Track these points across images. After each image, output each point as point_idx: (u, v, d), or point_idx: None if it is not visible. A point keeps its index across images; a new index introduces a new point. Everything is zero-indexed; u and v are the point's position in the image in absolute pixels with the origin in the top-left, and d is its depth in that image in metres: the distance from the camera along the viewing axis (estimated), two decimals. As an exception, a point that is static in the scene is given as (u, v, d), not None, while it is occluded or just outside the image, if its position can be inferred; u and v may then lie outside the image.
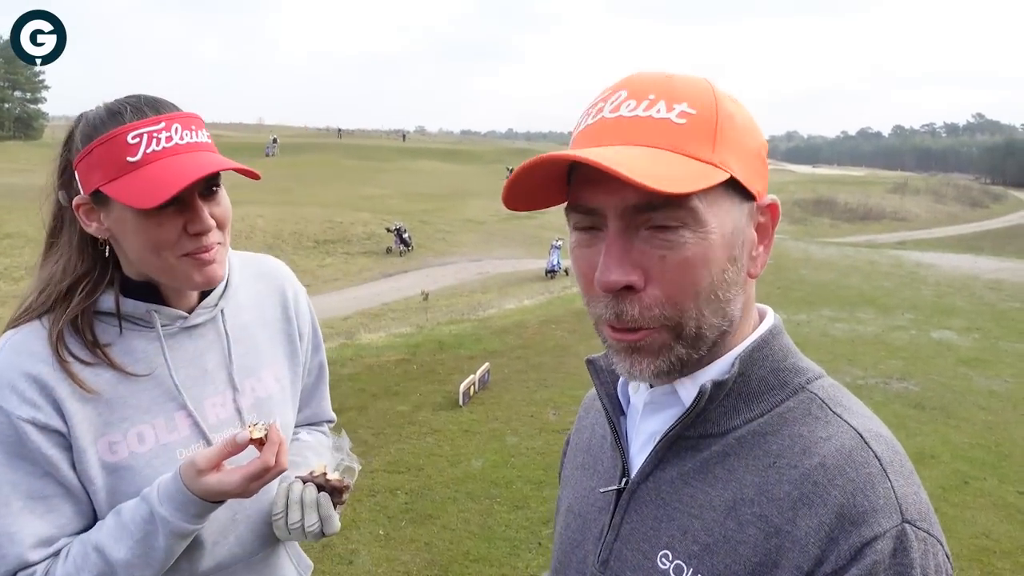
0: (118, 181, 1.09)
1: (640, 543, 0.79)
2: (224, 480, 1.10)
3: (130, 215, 1.11)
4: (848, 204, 41.43)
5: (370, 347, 8.24)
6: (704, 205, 0.70)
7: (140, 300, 1.20)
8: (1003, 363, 7.99)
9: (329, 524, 1.25)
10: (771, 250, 0.78)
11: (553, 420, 5.91)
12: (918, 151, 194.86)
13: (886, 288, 13.00)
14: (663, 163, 0.68)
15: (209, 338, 1.28)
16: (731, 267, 0.73)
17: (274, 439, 1.13)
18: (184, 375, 1.23)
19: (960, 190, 58.76)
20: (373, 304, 13.87)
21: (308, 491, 1.26)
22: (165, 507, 1.11)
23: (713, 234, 0.71)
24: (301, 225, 20.91)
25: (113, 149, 1.10)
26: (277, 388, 1.36)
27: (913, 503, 0.69)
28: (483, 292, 14.73)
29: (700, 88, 0.74)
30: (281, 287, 1.43)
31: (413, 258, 19.57)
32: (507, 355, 7.80)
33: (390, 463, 5.01)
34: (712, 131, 0.72)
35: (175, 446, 1.20)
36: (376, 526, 4.18)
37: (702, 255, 0.71)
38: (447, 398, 6.33)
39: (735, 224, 0.73)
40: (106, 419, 1.16)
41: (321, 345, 1.53)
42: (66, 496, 1.14)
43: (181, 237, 1.13)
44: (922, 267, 16.16)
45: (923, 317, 10.37)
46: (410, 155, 56.66)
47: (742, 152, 0.73)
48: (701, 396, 0.75)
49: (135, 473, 1.17)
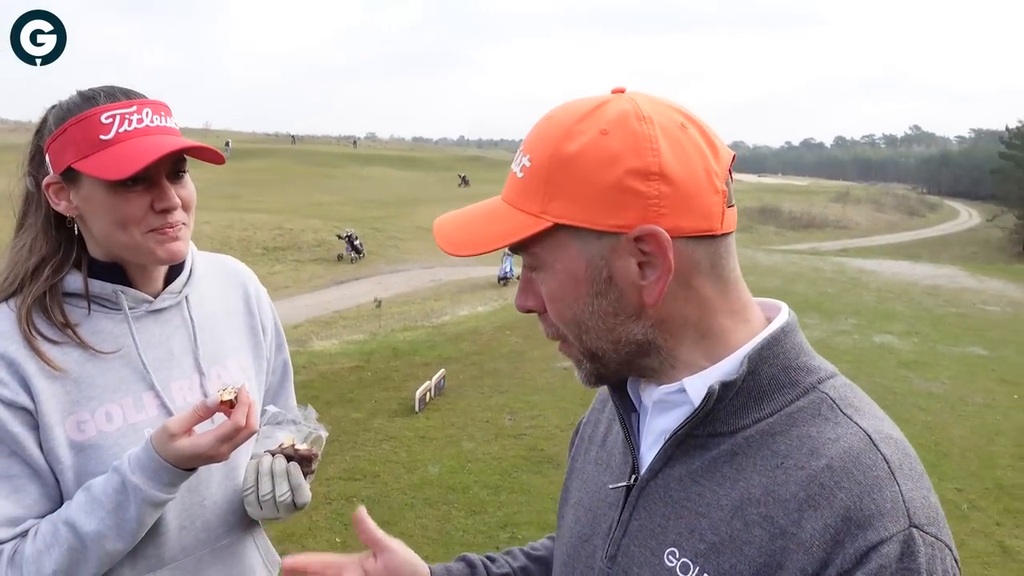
0: (90, 157, 1.12)
1: (648, 540, 0.79)
2: (197, 443, 1.11)
3: (100, 191, 1.14)
4: (792, 212, 42.49)
5: (323, 354, 8.17)
6: (544, 250, 0.77)
7: (107, 281, 1.21)
8: (940, 365, 8.30)
9: (300, 493, 1.27)
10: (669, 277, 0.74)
11: (509, 425, 5.94)
12: (859, 161, 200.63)
13: (830, 294, 13.39)
14: (491, 221, 0.79)
15: (175, 323, 1.29)
16: (598, 300, 0.77)
17: (244, 400, 1.14)
18: (151, 356, 1.24)
19: (899, 199, 60.85)
20: (324, 312, 13.72)
21: (277, 462, 1.27)
22: (137, 475, 1.11)
23: (560, 274, 0.77)
24: (250, 232, 20.59)
25: (86, 128, 1.13)
26: (242, 378, 1.37)
27: (921, 507, 0.68)
28: (436, 299, 14.69)
29: (554, 133, 0.76)
30: (243, 283, 1.46)
31: (365, 265, 19.42)
32: (462, 361, 7.81)
33: (346, 470, 4.97)
34: (542, 182, 0.75)
35: (143, 426, 1.21)
36: (333, 534, 4.15)
37: (556, 291, 0.78)
38: (403, 405, 6.31)
39: (588, 262, 0.75)
40: (74, 398, 1.16)
41: (284, 344, 1.55)
42: (32, 477, 1.14)
43: (148, 214, 1.16)
44: (864, 273, 16.69)
45: (866, 322, 10.70)
46: (361, 161, 56.25)
47: (584, 191, 0.73)
48: (709, 397, 0.75)
49: (103, 452, 1.17)
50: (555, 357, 7.84)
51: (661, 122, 0.73)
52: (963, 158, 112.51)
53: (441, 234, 0.81)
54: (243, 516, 1.36)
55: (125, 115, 1.14)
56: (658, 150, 0.72)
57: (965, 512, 4.64)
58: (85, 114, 1.14)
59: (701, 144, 0.75)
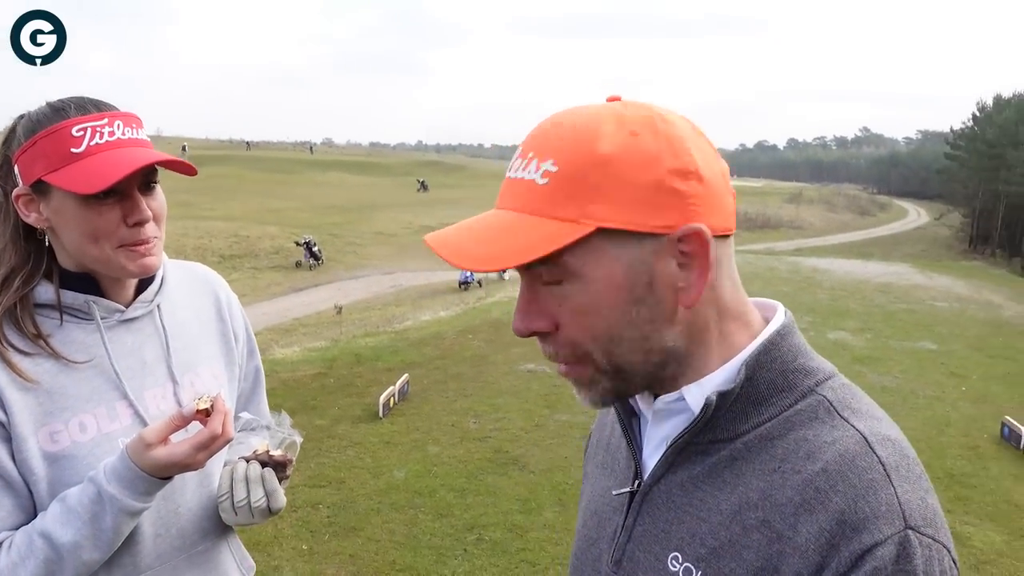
0: (61, 170, 1.12)
1: (651, 545, 0.80)
2: (173, 452, 1.11)
3: (71, 204, 1.13)
4: (748, 213, 43.15)
5: (284, 362, 8.09)
6: (576, 259, 0.71)
7: (79, 292, 1.21)
8: (893, 360, 8.54)
9: (275, 499, 1.27)
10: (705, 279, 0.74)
11: (474, 428, 5.95)
12: (811, 163, 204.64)
13: (785, 293, 13.64)
14: (513, 232, 0.72)
15: (147, 332, 1.29)
16: (637, 308, 0.73)
17: (219, 409, 1.15)
18: (124, 366, 1.24)
19: (850, 200, 62.25)
20: (284, 319, 13.58)
21: (252, 468, 1.27)
22: (113, 485, 1.11)
23: (597, 283, 0.72)
24: (205, 240, 20.29)
25: (57, 141, 1.13)
26: (215, 385, 1.37)
27: (918, 508, 0.68)
28: (397, 305, 14.63)
29: (578, 135, 0.73)
30: (214, 291, 1.46)
31: (324, 272, 19.27)
32: (426, 366, 7.80)
33: (311, 477, 4.94)
34: (574, 185, 0.71)
35: (117, 435, 1.20)
36: (299, 541, 4.12)
37: (590, 303, 0.73)
38: (366, 410, 6.28)
39: (629, 267, 0.72)
40: (47, 408, 1.16)
41: (256, 350, 1.55)
42: (5, 489, 1.13)
43: (119, 227, 1.16)
44: (818, 272, 17.06)
45: (820, 319, 10.94)
46: (318, 167, 55.71)
47: (623, 194, 0.71)
48: (707, 407, 0.75)
49: (77, 462, 1.17)
50: (518, 360, 7.88)
51: (681, 125, 0.74)
52: (911, 159, 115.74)
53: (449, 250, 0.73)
54: (218, 522, 1.36)
55: (96, 128, 1.14)
56: (690, 150, 0.72)
57: (918, 501, 4.78)
58: (56, 127, 1.13)
59: (711, 147, 0.77)
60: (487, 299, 12.95)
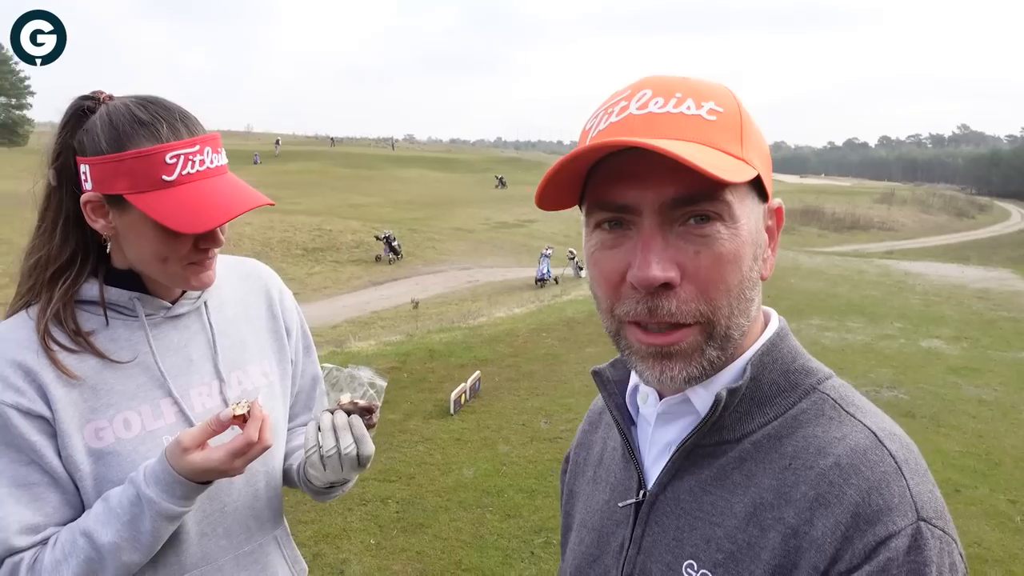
0: (150, 195, 1.11)
1: (664, 555, 0.78)
2: (210, 457, 1.10)
3: (148, 226, 1.13)
4: (836, 214, 41.71)
5: (360, 355, 8.20)
6: (736, 200, 0.71)
7: (123, 288, 1.21)
8: (992, 372, 8.03)
9: (364, 445, 1.23)
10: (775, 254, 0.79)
11: (545, 428, 5.88)
12: (904, 162, 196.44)
13: (875, 297, 13.07)
14: (705, 154, 0.67)
15: (193, 329, 1.28)
16: (755, 265, 0.74)
17: (256, 415, 1.13)
18: (169, 363, 1.23)
19: (946, 200, 59.34)
20: (362, 312, 13.83)
21: (339, 416, 1.24)
22: (151, 488, 1.11)
23: (743, 230, 0.71)
24: (290, 233, 20.86)
25: (149, 165, 1.11)
26: (264, 383, 1.36)
27: (928, 501, 0.68)
28: (473, 300, 14.70)
29: (722, 90, 0.75)
30: (265, 286, 1.44)
31: (402, 266, 19.55)
32: (498, 363, 7.78)
33: (381, 472, 4.97)
34: (739, 130, 0.72)
35: (161, 433, 1.20)
36: (367, 535, 4.14)
37: (734, 251, 0.70)
38: (438, 406, 6.29)
39: (756, 223, 0.74)
40: (92, 405, 1.16)
41: (312, 347, 1.53)
42: (52, 485, 1.14)
43: (191, 251, 1.17)
44: (910, 276, 16.28)
45: (912, 326, 10.42)
46: (399, 163, 56.65)
47: (760, 153, 0.74)
48: (717, 404, 0.74)
49: (121, 459, 1.16)
50: (591, 360, 7.76)
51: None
52: (1015, 157, 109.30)
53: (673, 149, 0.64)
54: (266, 522, 1.34)
55: (189, 156, 1.13)
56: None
57: (1019, 525, 4.45)
58: (149, 151, 1.10)
59: None
60: (562, 297, 12.85)
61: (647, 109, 0.71)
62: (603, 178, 0.72)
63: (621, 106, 0.73)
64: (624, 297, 0.73)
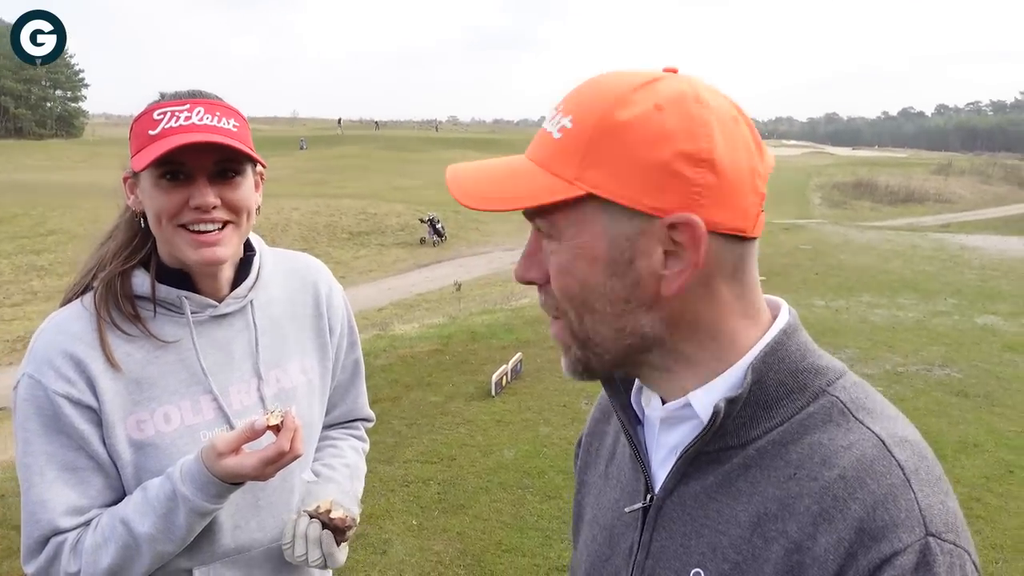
0: (140, 152, 1.17)
1: (671, 561, 0.78)
2: (243, 463, 1.15)
3: (148, 185, 1.19)
4: (889, 187, 40.45)
5: (403, 338, 8.30)
6: (565, 219, 0.72)
7: (173, 287, 1.26)
8: (1051, 348, 7.76)
9: (331, 560, 1.31)
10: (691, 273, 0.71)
11: (586, 410, 5.88)
12: (963, 130, 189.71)
13: (928, 272, 12.71)
14: (516, 179, 0.74)
15: (237, 327, 1.32)
16: (612, 281, 0.72)
17: (289, 426, 1.18)
18: (211, 361, 1.28)
19: (1008, 170, 57.02)
20: (407, 295, 13.96)
21: (312, 528, 1.31)
22: (187, 486, 1.16)
23: (574, 248, 0.72)
24: (336, 217, 21.11)
25: (142, 124, 1.19)
26: (303, 380, 1.39)
27: (939, 513, 0.66)
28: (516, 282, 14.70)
29: (601, 97, 0.71)
30: (314, 282, 1.46)
31: (446, 248, 19.64)
32: (539, 345, 7.78)
33: (423, 453, 5.04)
34: (582, 147, 0.70)
35: (199, 428, 1.26)
36: (409, 516, 4.21)
37: (565, 265, 0.73)
38: (479, 388, 6.35)
39: (609, 240, 0.71)
40: (135, 398, 1.22)
41: (357, 343, 1.55)
42: (96, 470, 1.21)
43: (183, 209, 1.19)
44: (966, 250, 15.77)
45: (967, 302, 10.12)
46: (443, 145, 56.77)
47: (625, 167, 0.69)
48: (716, 415, 0.73)
49: (160, 451, 1.22)
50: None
51: (717, 110, 0.70)
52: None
53: (456, 184, 0.76)
54: None
55: (175, 112, 1.17)
56: (712, 137, 0.69)
57: (1075, 507, 4.32)
58: (143, 111, 1.19)
59: (749, 141, 0.72)
60: (605, 277, 12.78)
61: (544, 124, 0.76)
62: None
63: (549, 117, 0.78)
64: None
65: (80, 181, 7.41)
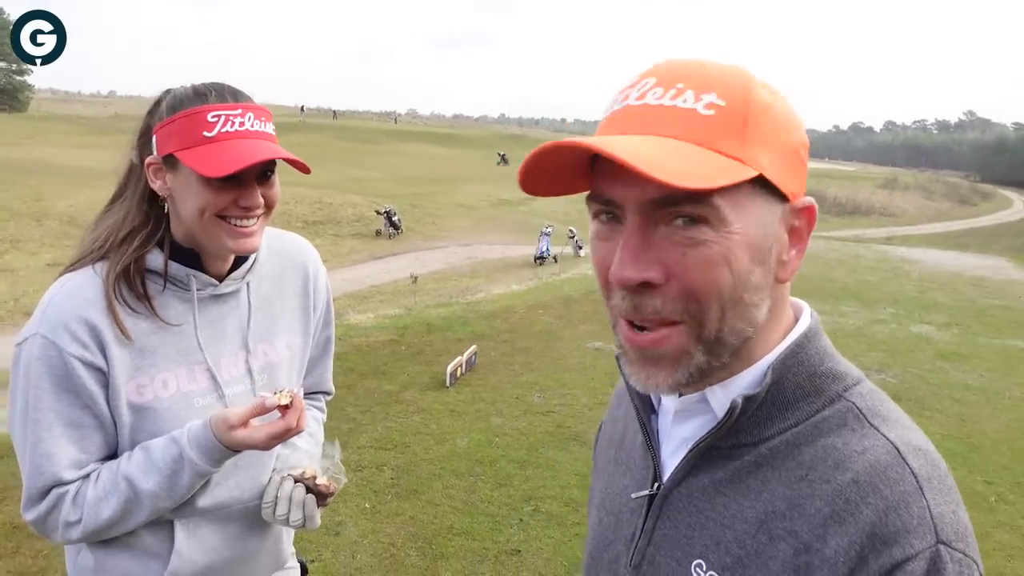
0: (192, 150, 1.24)
1: (673, 550, 0.78)
2: (253, 436, 1.27)
3: (194, 181, 1.25)
4: (837, 198, 41.58)
5: (359, 328, 8.32)
6: (727, 203, 0.67)
7: (183, 264, 1.34)
8: (979, 358, 8.16)
9: (311, 522, 1.42)
10: (801, 258, 0.74)
11: (538, 403, 6.02)
12: (909, 147, 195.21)
13: (870, 282, 13.17)
14: (684, 157, 0.65)
15: (232, 304, 1.42)
16: (757, 270, 0.70)
17: (297, 406, 1.30)
18: (206, 335, 1.38)
19: (949, 187, 59.10)
20: (362, 286, 13.93)
21: (297, 491, 1.42)
22: (194, 451, 1.27)
23: (736, 234, 0.67)
24: (290, 205, 20.88)
25: (193, 122, 1.24)
26: (288, 355, 1.51)
27: (950, 522, 0.66)
28: (472, 276, 14.80)
29: (733, 77, 0.70)
30: (304, 264, 1.57)
31: (402, 241, 19.62)
32: (494, 339, 7.89)
33: (377, 440, 5.11)
34: (742, 124, 0.68)
35: (193, 395, 1.36)
36: (362, 499, 4.28)
37: (723, 255, 0.67)
38: (434, 379, 6.42)
39: (763, 225, 0.70)
40: (137, 364, 1.31)
41: (332, 321, 1.67)
42: (98, 428, 1.30)
43: (230, 207, 1.28)
44: (907, 262, 16.37)
45: (904, 312, 10.53)
46: (402, 138, 56.42)
47: (776, 148, 0.69)
48: (732, 411, 0.73)
49: (157, 415, 1.32)
50: (586, 337, 7.90)
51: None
52: (1021, 144, 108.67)
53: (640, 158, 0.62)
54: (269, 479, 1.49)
55: (229, 116, 1.25)
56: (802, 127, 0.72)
57: (992, 504, 4.61)
58: (195, 110, 1.24)
59: None
60: (560, 275, 12.96)
61: (643, 100, 0.70)
62: (598, 169, 0.72)
63: (624, 95, 0.72)
64: (614, 290, 0.72)
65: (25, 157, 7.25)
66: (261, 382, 1.43)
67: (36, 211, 17.75)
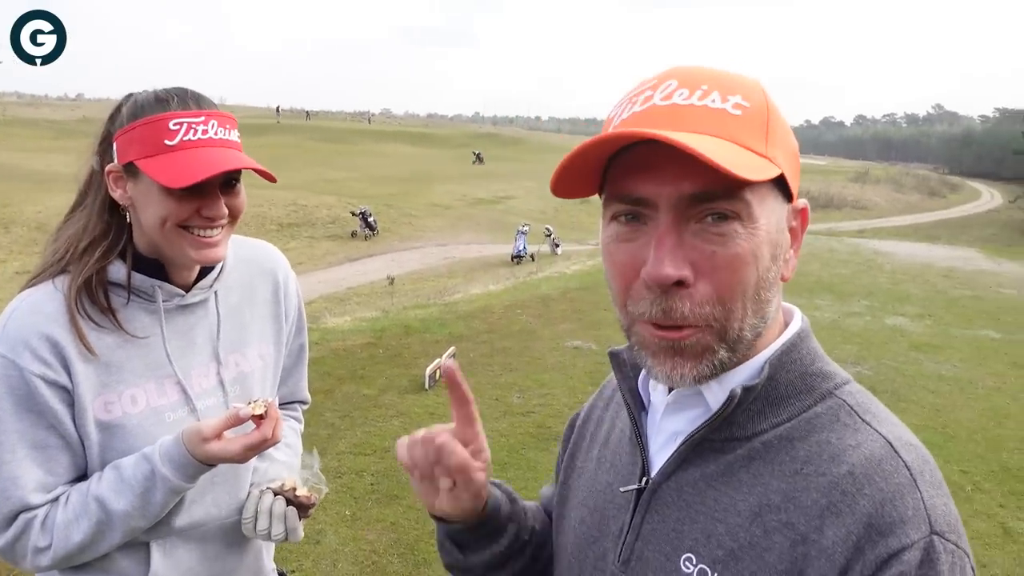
0: (153, 159, 1.19)
1: (662, 544, 0.78)
2: (227, 448, 1.22)
3: (155, 190, 1.21)
4: (810, 192, 41.93)
5: (336, 331, 8.25)
6: (755, 199, 0.69)
7: (147, 276, 1.29)
8: (952, 348, 8.28)
9: (293, 535, 1.39)
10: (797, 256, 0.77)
11: (517, 403, 6.00)
12: (879, 141, 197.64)
13: (843, 275, 13.31)
14: (728, 150, 0.66)
15: (199, 315, 1.37)
16: (774, 267, 0.72)
17: (272, 415, 1.25)
18: (175, 346, 1.33)
19: (919, 180, 59.95)
20: (338, 288, 13.81)
21: (277, 504, 1.38)
22: (166, 467, 1.22)
23: (761, 230, 0.70)
24: (264, 208, 20.67)
25: (155, 130, 1.20)
26: (260, 365, 1.46)
27: (943, 514, 0.68)
28: (449, 277, 14.75)
29: (750, 82, 0.73)
30: (273, 271, 1.53)
31: (378, 242, 19.49)
32: (473, 339, 7.87)
33: (356, 445, 5.06)
34: (764, 126, 0.70)
35: (164, 410, 1.31)
36: (342, 507, 4.23)
37: (751, 251, 0.69)
38: (413, 382, 6.38)
39: (778, 223, 0.73)
40: (104, 380, 1.25)
41: (304, 328, 1.62)
42: (65, 448, 1.24)
43: (193, 216, 1.23)
44: (879, 255, 16.58)
45: (878, 304, 10.66)
46: (376, 138, 56.16)
47: (786, 150, 0.73)
48: (731, 401, 0.74)
49: (126, 432, 1.27)
50: (565, 336, 7.89)
51: None
52: (987, 138, 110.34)
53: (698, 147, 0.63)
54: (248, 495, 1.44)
55: (192, 124, 1.21)
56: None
57: (969, 494, 4.66)
58: (156, 117, 1.20)
59: None
60: (538, 274, 12.95)
61: (671, 100, 0.70)
62: (622, 169, 0.72)
63: (646, 95, 0.72)
64: (638, 296, 0.72)
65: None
66: (233, 394, 1.38)
67: (3, 217, 17.43)
